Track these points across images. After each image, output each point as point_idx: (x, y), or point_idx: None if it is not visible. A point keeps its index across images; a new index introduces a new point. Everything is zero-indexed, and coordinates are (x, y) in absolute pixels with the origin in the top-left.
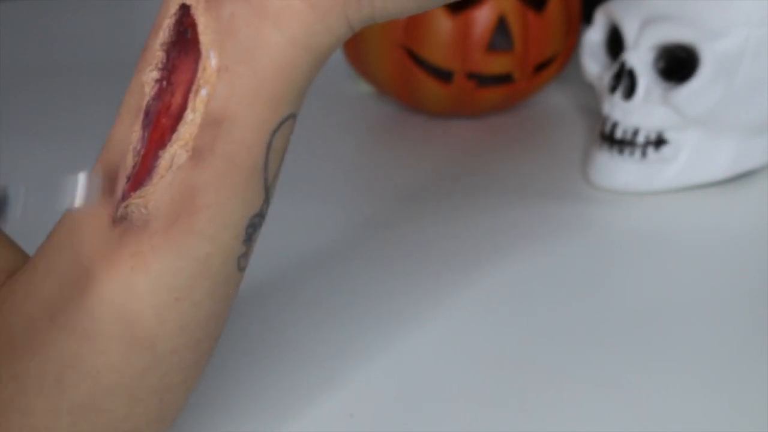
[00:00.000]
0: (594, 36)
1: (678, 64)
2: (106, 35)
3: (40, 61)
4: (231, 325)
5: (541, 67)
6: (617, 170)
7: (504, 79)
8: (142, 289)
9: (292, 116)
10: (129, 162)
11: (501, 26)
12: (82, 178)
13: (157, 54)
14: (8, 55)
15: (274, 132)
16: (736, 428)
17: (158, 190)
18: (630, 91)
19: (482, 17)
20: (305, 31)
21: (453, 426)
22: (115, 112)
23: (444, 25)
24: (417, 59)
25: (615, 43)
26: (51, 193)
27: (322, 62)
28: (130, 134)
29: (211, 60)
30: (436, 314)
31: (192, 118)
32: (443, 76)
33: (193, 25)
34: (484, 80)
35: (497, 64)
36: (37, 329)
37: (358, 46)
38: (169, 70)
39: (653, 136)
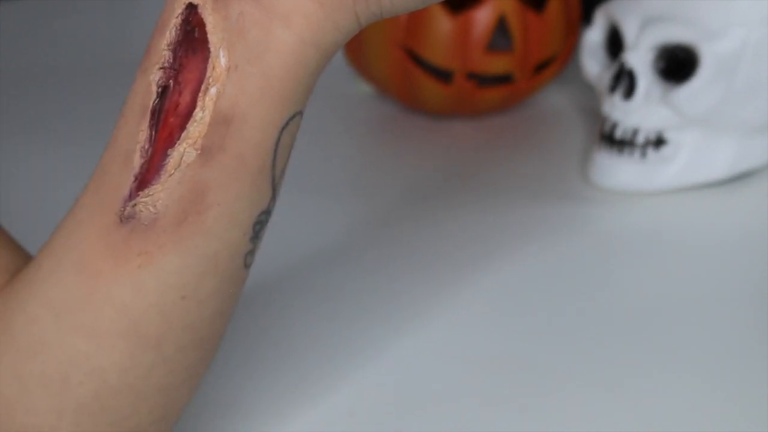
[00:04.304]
0: (594, 36)
1: (678, 64)
2: (106, 35)
3: (40, 61)
4: (232, 324)
5: (541, 67)
6: (617, 170)
7: (504, 79)
8: (148, 288)
9: (299, 113)
10: (136, 161)
11: (501, 26)
12: None
13: (163, 53)
14: (8, 55)
15: (282, 129)
16: (736, 428)
17: (167, 189)
18: (630, 92)
19: (482, 17)
20: (314, 29)
21: (453, 426)
22: (115, 112)
23: (444, 25)
24: (417, 59)
25: (615, 43)
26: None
27: (329, 58)
28: (137, 134)
29: (220, 59)
30: (436, 314)
31: (201, 116)
32: (443, 76)
33: (200, 25)
34: (484, 80)
35: (497, 64)
36: (41, 328)
37: (358, 46)
38: (176, 70)
39: (653, 137)
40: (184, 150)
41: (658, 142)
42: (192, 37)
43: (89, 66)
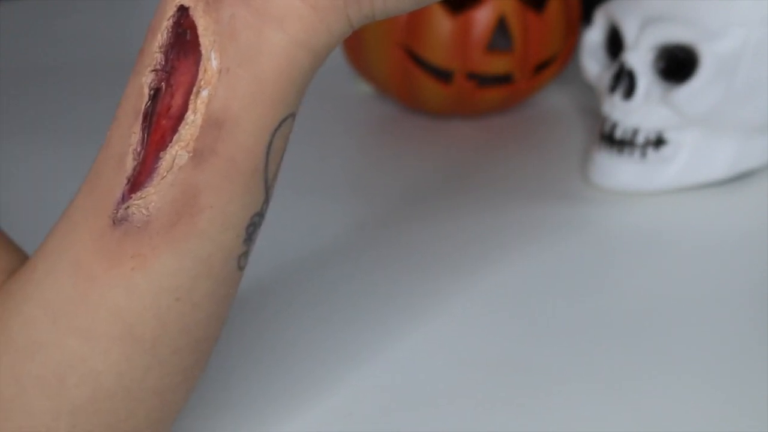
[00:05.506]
0: (594, 36)
1: (678, 64)
2: (106, 35)
3: (40, 61)
4: (229, 324)
5: (541, 67)
6: (617, 170)
7: (504, 79)
8: (142, 290)
9: (291, 115)
10: (129, 164)
11: (501, 26)
12: None
13: (155, 56)
14: (8, 55)
15: (275, 132)
16: (735, 428)
17: (159, 191)
18: (630, 92)
19: (482, 17)
20: (306, 32)
21: (452, 426)
22: (114, 112)
23: (444, 25)
24: (417, 59)
25: (615, 43)
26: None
27: (321, 61)
28: (130, 136)
29: (212, 61)
30: (436, 314)
31: (193, 119)
32: (443, 76)
33: (192, 27)
34: (484, 80)
35: (497, 65)
36: (38, 330)
37: (358, 46)
38: (168, 72)
39: (653, 137)
40: (177, 153)
41: (658, 142)
42: (183, 40)
43: (89, 66)
